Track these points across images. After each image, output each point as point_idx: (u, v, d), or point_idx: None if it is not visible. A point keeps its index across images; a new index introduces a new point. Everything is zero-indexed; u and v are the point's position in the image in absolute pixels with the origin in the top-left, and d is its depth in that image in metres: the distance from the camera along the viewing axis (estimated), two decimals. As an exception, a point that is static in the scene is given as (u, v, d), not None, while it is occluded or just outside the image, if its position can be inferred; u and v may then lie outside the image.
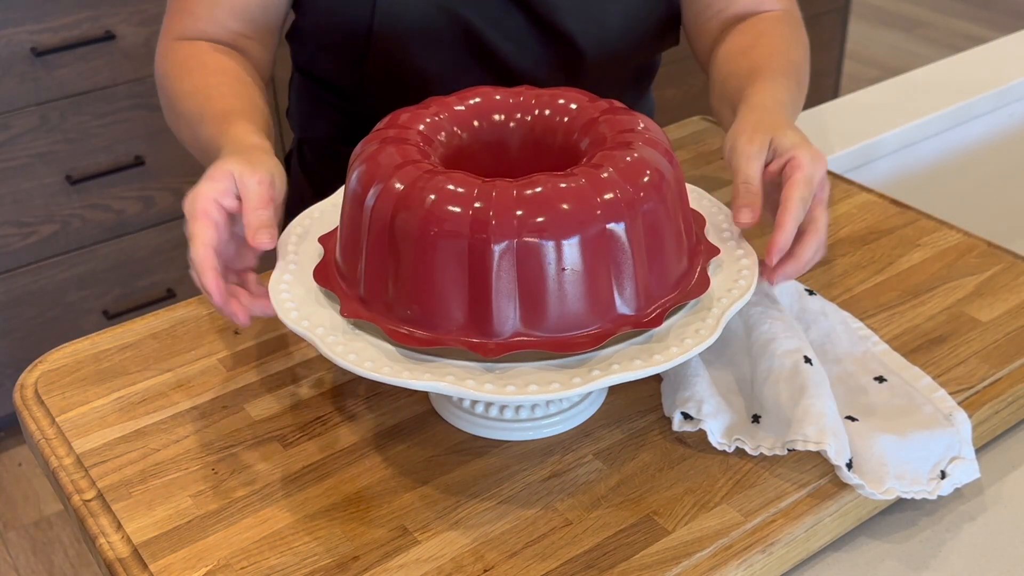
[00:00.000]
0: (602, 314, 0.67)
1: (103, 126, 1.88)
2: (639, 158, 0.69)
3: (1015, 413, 0.79)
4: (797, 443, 0.70)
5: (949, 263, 0.91)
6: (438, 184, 0.67)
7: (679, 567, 0.65)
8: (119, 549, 0.67)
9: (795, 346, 0.75)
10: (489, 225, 0.64)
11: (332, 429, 0.76)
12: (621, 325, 0.68)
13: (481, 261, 0.65)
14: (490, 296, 0.65)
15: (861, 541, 0.71)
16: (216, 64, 0.91)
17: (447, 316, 0.67)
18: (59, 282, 1.94)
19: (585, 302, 0.66)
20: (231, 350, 0.83)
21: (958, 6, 3.77)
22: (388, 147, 0.71)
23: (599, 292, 0.67)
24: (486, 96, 0.78)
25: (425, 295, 0.67)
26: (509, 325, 0.66)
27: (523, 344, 0.66)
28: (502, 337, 0.66)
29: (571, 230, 0.65)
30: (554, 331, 0.67)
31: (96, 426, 0.77)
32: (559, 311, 0.66)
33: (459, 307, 0.66)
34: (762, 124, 0.79)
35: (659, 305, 0.69)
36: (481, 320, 0.66)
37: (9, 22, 1.73)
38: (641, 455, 0.73)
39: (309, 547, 0.67)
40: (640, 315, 0.68)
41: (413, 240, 0.66)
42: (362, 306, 0.70)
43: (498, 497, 0.70)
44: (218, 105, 0.86)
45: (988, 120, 1.33)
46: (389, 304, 0.68)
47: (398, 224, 0.67)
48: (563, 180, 0.67)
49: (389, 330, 0.68)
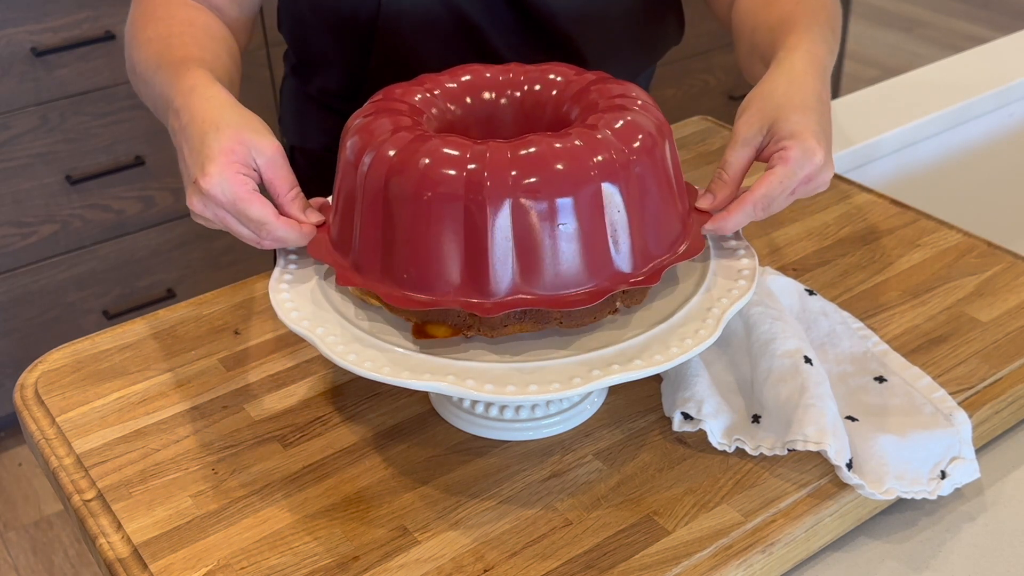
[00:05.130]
0: (599, 272, 0.67)
1: (103, 126, 1.88)
2: (632, 121, 0.70)
3: (1015, 413, 0.79)
4: (797, 443, 0.70)
5: (949, 263, 0.91)
6: (431, 147, 0.67)
7: (679, 567, 0.65)
8: (119, 549, 0.67)
9: (795, 346, 0.75)
10: (484, 186, 0.65)
11: (332, 429, 0.76)
12: (618, 282, 0.68)
13: (477, 222, 0.65)
14: (487, 256, 0.66)
15: (861, 541, 0.71)
16: (184, 15, 0.87)
17: (444, 278, 0.67)
18: (59, 282, 1.94)
19: (581, 260, 0.67)
20: (231, 350, 0.83)
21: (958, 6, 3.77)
22: (381, 117, 0.72)
23: (595, 250, 0.67)
24: (476, 73, 0.78)
25: (421, 258, 0.67)
26: (506, 284, 0.66)
27: (520, 303, 0.66)
28: (499, 296, 0.66)
29: (566, 189, 0.65)
30: (551, 289, 0.67)
31: (96, 426, 0.77)
32: (555, 269, 0.66)
33: (455, 269, 0.66)
34: (769, 103, 0.75)
35: (656, 264, 0.70)
36: (478, 280, 0.66)
37: (9, 22, 1.73)
38: (641, 455, 0.73)
39: (309, 547, 0.67)
40: (637, 273, 0.69)
41: (408, 204, 0.66)
42: (357, 274, 0.70)
43: (498, 497, 0.70)
44: (178, 54, 0.81)
45: (988, 120, 1.32)
46: (385, 270, 0.68)
47: (392, 189, 0.67)
48: (557, 140, 0.67)
49: (385, 294, 0.68)
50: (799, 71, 0.76)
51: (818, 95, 0.76)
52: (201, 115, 0.73)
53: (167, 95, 0.77)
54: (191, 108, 0.74)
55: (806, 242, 0.95)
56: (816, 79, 0.77)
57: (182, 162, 0.74)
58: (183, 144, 0.73)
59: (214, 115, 0.73)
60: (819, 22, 0.82)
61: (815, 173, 0.72)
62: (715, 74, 2.56)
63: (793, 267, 0.91)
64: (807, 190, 0.73)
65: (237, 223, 0.72)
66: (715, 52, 2.51)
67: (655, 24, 1.04)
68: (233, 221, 0.71)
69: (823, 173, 0.73)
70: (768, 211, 0.73)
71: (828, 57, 0.81)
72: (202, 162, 0.70)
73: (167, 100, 0.77)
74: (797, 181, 0.72)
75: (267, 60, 1.98)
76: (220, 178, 0.69)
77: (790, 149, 0.72)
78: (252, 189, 0.71)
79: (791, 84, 0.75)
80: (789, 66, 0.77)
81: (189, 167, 0.72)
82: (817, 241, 0.95)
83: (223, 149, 0.70)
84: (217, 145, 0.70)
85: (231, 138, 0.71)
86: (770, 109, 0.74)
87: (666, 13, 1.04)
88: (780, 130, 0.73)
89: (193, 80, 0.76)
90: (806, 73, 0.76)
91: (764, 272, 0.85)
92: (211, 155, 0.70)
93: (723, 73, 2.57)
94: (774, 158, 0.73)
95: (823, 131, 0.74)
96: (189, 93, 0.75)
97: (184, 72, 0.77)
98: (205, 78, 0.77)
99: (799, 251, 0.94)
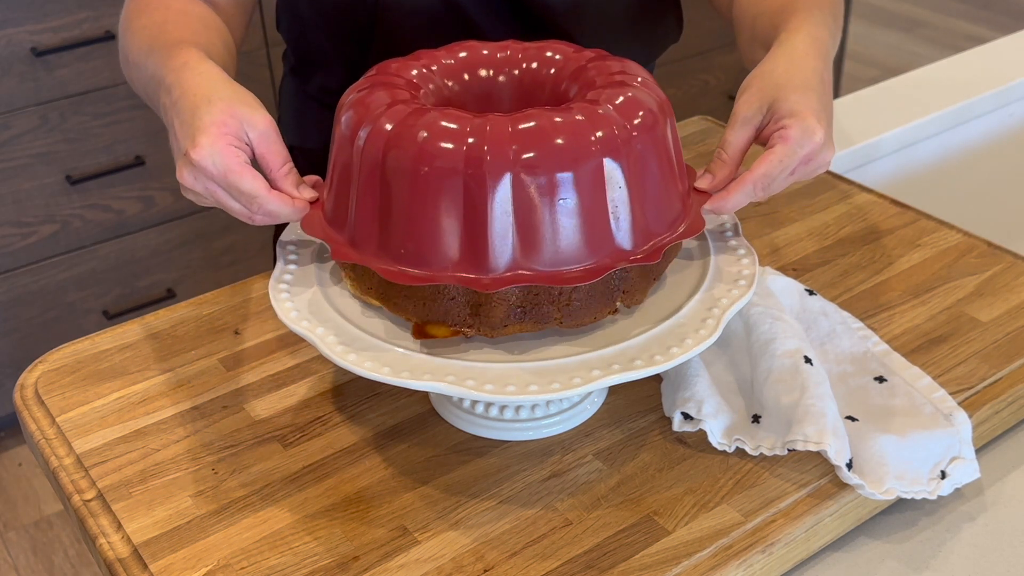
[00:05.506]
0: (599, 248, 0.67)
1: (103, 126, 1.88)
2: (634, 97, 0.69)
3: (1015, 413, 0.79)
4: (797, 443, 0.70)
5: (949, 263, 0.91)
6: (430, 120, 0.66)
7: (679, 567, 0.65)
8: (119, 549, 0.67)
9: (795, 346, 0.75)
10: (484, 160, 0.64)
11: (332, 429, 0.76)
12: (619, 259, 0.67)
13: (476, 197, 0.64)
14: (486, 231, 0.65)
15: (861, 541, 0.71)
16: (179, 6, 0.86)
17: (441, 253, 0.66)
18: (59, 282, 1.94)
19: (582, 236, 0.66)
20: (231, 350, 0.83)
21: (958, 6, 3.77)
22: (377, 90, 0.71)
23: (596, 226, 0.66)
24: (473, 50, 0.78)
25: (418, 233, 0.66)
26: (505, 260, 0.66)
27: (520, 278, 0.65)
28: (498, 272, 0.66)
29: (567, 164, 0.65)
30: (551, 266, 0.66)
31: (96, 426, 0.77)
32: (556, 245, 0.66)
33: (454, 243, 0.66)
34: (769, 82, 0.74)
35: (656, 242, 0.69)
36: (477, 255, 0.65)
37: (9, 22, 1.73)
38: (641, 455, 0.73)
39: (309, 547, 0.67)
40: (637, 250, 0.68)
41: (405, 178, 0.66)
42: (352, 249, 0.69)
43: (498, 497, 0.70)
44: (171, 37, 0.80)
45: (988, 120, 1.32)
46: (381, 245, 0.68)
47: (389, 163, 0.66)
48: (558, 115, 0.67)
49: (381, 269, 0.67)
50: (800, 51, 0.75)
51: (819, 75, 0.74)
52: (193, 89, 0.72)
53: (158, 75, 0.76)
54: (183, 83, 0.73)
55: (806, 242, 0.95)
56: (817, 59, 0.75)
57: (173, 138, 0.73)
58: (174, 119, 0.72)
59: (206, 89, 0.72)
60: (821, 7, 0.82)
61: (815, 152, 0.71)
62: (715, 74, 2.56)
63: (793, 267, 0.91)
64: (807, 171, 0.73)
65: (228, 197, 0.71)
66: (715, 52, 2.51)
67: (653, 21, 1.04)
68: (224, 195, 0.70)
69: (823, 153, 0.72)
70: (768, 191, 0.72)
71: (830, 41, 0.80)
72: (193, 134, 0.69)
73: (158, 80, 0.76)
74: (797, 160, 0.71)
75: (267, 60, 1.98)
76: (211, 150, 0.69)
77: (790, 128, 0.71)
78: (243, 162, 0.70)
79: (791, 64, 0.74)
80: (790, 47, 0.76)
81: (180, 140, 0.71)
82: (817, 241, 0.95)
83: (215, 121, 0.70)
84: (209, 117, 0.70)
85: (223, 111, 0.70)
86: (770, 88, 0.73)
87: (665, 11, 1.04)
88: (780, 109, 0.72)
89: (185, 57, 0.76)
90: (807, 54, 0.75)
91: (764, 272, 0.85)
92: (202, 127, 0.69)
93: (723, 73, 2.57)
94: (774, 137, 0.72)
95: (824, 110, 0.73)
96: (181, 69, 0.74)
97: (176, 52, 0.77)
98: (197, 55, 0.76)
99: (799, 251, 0.93)
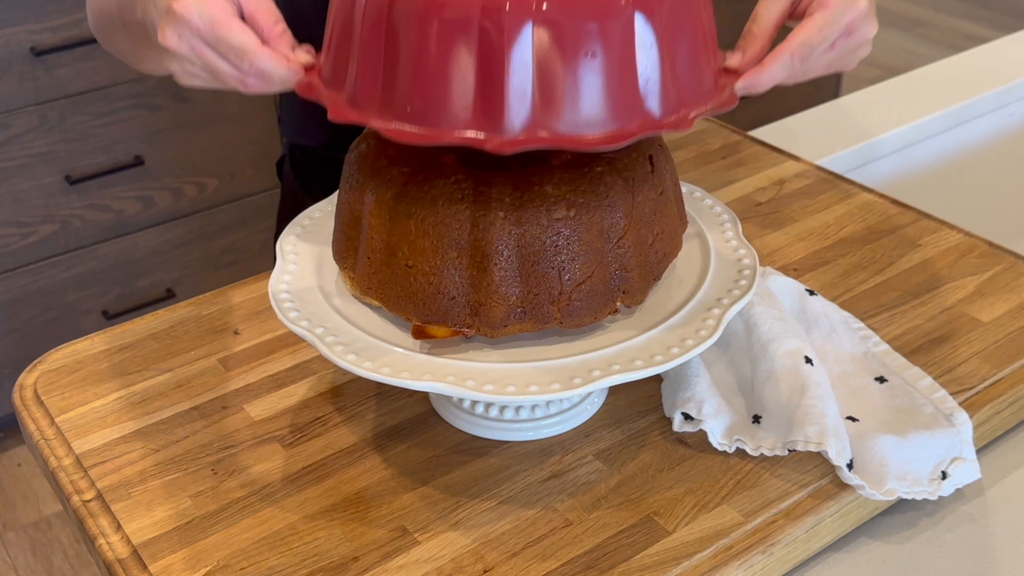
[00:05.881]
0: (625, 112, 0.62)
1: (103, 126, 1.88)
2: None
3: (1016, 414, 0.79)
4: (798, 443, 0.69)
5: (950, 263, 0.91)
6: None
7: (679, 567, 0.64)
8: (119, 550, 0.67)
9: (796, 346, 0.75)
10: (503, 9, 0.59)
11: (332, 429, 0.76)
12: (645, 127, 0.62)
13: (493, 48, 0.59)
14: (503, 87, 0.59)
15: (862, 542, 0.71)
16: None
17: (451, 111, 0.61)
18: (59, 282, 1.94)
19: (607, 97, 0.61)
20: (231, 350, 0.83)
21: (958, 6, 3.77)
22: None
23: (623, 87, 0.61)
24: None
25: (427, 88, 0.61)
26: (522, 119, 0.60)
27: (535, 140, 0.60)
28: (513, 133, 0.60)
29: (595, 15, 0.59)
30: (571, 128, 0.61)
31: (96, 426, 0.77)
32: (578, 105, 0.60)
33: (466, 100, 0.60)
34: None
35: (686, 112, 0.64)
36: (490, 114, 0.60)
37: (9, 22, 1.73)
38: (641, 455, 0.73)
39: (309, 547, 0.67)
40: (665, 118, 0.63)
41: (414, 28, 0.61)
42: (352, 108, 0.65)
43: (498, 497, 0.70)
44: None
45: (988, 120, 1.33)
46: (385, 102, 0.63)
47: (397, 11, 0.61)
48: None
49: (382, 127, 0.63)
50: None
51: None
52: None
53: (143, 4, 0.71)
54: None
55: (806, 242, 0.95)
56: None
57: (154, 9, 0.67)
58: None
59: None
60: None
61: (857, 23, 0.67)
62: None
63: (793, 267, 0.91)
64: (848, 45, 0.68)
65: (216, 56, 0.66)
66: None
67: None
68: (211, 54, 0.65)
69: (866, 26, 0.68)
70: (805, 65, 0.67)
71: None
72: None
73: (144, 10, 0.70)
74: (839, 30, 0.66)
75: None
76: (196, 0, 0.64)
77: None
78: (232, 13, 0.65)
79: None
80: None
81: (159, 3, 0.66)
82: (817, 241, 0.95)
83: None
84: None
85: None
86: None
87: None
88: None
89: None
90: None
91: (764, 272, 0.85)
92: None
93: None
94: (813, 5, 0.67)
95: None
96: None
97: None
98: None
99: (799, 251, 0.93)
